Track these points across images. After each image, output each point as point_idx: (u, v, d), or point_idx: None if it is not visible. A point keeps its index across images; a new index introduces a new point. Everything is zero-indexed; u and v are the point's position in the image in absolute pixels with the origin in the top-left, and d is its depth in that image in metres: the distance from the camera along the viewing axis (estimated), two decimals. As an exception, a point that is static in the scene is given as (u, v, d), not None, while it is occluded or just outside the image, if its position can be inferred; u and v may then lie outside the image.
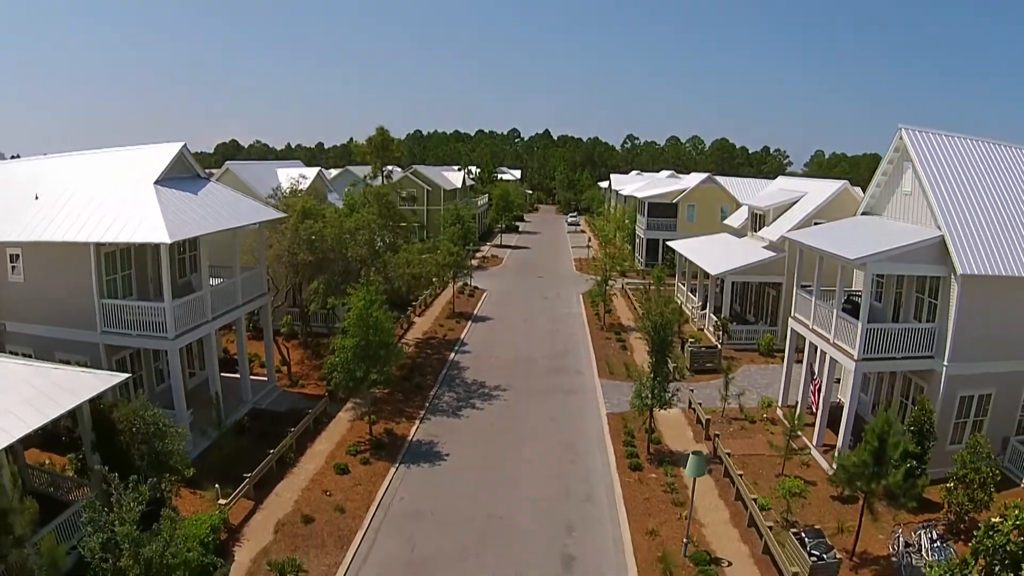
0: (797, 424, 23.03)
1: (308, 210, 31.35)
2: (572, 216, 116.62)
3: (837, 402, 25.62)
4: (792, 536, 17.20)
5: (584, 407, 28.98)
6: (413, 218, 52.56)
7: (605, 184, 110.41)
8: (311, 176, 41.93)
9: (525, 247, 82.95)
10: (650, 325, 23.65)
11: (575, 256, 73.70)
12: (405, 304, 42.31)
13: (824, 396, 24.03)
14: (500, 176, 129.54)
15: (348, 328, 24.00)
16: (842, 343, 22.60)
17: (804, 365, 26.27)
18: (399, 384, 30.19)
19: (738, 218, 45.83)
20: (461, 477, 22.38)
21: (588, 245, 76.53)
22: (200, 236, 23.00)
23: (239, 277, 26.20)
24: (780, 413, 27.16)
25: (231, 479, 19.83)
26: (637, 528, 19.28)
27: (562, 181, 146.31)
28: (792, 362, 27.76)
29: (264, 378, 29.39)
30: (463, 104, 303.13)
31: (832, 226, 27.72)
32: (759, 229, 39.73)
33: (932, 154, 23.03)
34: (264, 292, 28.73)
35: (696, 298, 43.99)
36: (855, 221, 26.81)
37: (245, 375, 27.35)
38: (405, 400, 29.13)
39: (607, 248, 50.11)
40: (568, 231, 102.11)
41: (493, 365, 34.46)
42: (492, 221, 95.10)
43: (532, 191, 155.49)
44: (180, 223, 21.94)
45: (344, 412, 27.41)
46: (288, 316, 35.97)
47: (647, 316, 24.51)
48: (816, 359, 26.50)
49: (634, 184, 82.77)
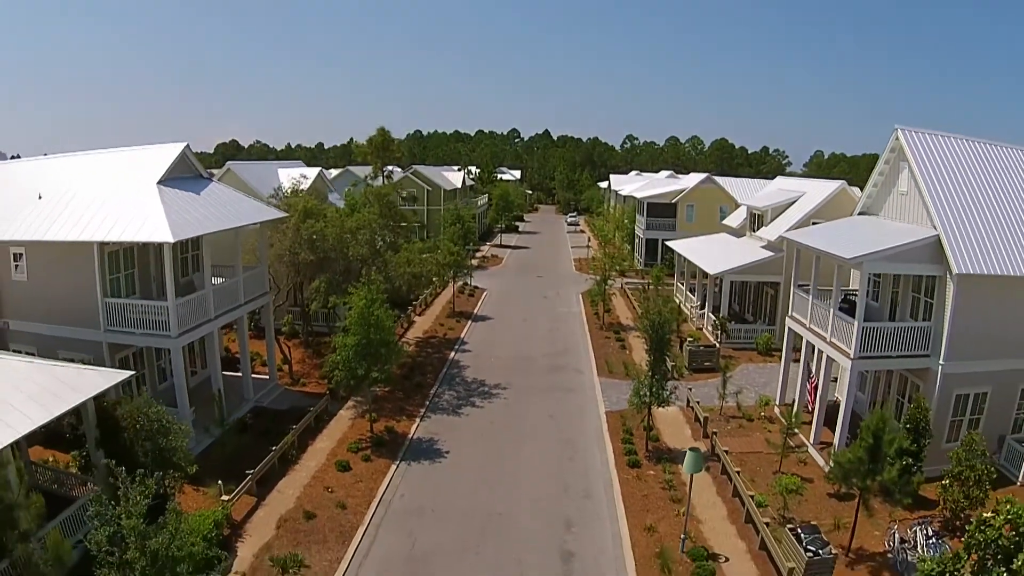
0: (794, 422, 23.23)
1: (309, 210, 31.58)
2: (572, 216, 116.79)
3: (834, 400, 25.79)
4: (788, 532, 17.35)
5: (583, 405, 29.17)
6: (413, 218, 52.76)
7: (604, 184, 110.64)
8: (312, 176, 42.15)
9: (525, 247, 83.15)
10: (648, 324, 23.86)
11: (575, 256, 73.88)
12: (405, 303, 42.50)
13: (821, 394, 24.19)
14: (500, 176, 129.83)
15: (349, 326, 24.16)
16: (839, 342, 22.78)
17: (801, 364, 26.50)
18: (400, 382, 30.37)
19: (737, 218, 46.06)
20: (461, 474, 22.56)
21: (588, 245, 76.69)
22: (203, 236, 23.17)
23: (241, 276, 26.38)
24: (778, 411, 27.35)
25: (234, 476, 20.04)
26: (635, 524, 19.45)
27: (562, 181, 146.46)
28: (789, 361, 27.95)
29: (266, 376, 29.58)
30: (463, 104, 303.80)
31: (829, 226, 27.90)
32: (757, 229, 39.94)
33: (928, 154, 23.21)
34: (266, 291, 28.92)
35: (695, 298, 44.17)
36: (852, 221, 27.00)
37: (247, 373, 27.54)
38: (406, 398, 29.32)
39: (606, 248, 50.22)
40: (568, 231, 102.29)
41: (493, 364, 34.65)
42: (492, 221, 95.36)
43: (532, 191, 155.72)
44: (183, 223, 22.09)
45: (345, 410, 27.60)
46: (289, 315, 36.15)
47: (645, 315, 24.72)
48: (813, 358, 26.72)
49: (633, 184, 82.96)
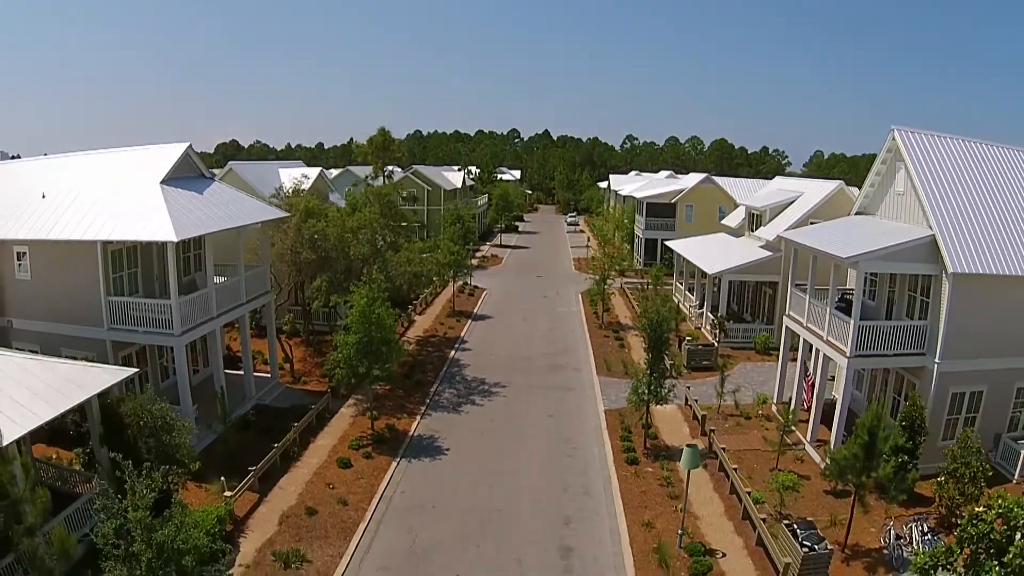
0: (791, 420, 23.43)
1: (311, 209, 31.80)
2: (571, 216, 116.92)
3: (831, 399, 25.98)
4: (785, 528, 17.52)
5: (582, 403, 29.38)
6: (414, 218, 52.96)
7: (604, 184, 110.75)
8: (313, 176, 42.33)
9: (525, 247, 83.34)
10: (647, 323, 24.06)
11: (574, 256, 74.07)
12: (406, 302, 42.70)
13: (818, 393, 24.39)
14: (500, 176, 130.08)
15: (351, 325, 24.36)
16: (835, 340, 22.97)
17: (799, 362, 26.69)
18: (400, 381, 30.56)
19: (736, 218, 46.27)
20: (461, 471, 22.77)
21: (587, 245, 76.88)
22: (205, 235, 23.38)
23: (243, 275, 26.59)
24: (775, 409, 27.53)
25: (236, 473, 20.24)
26: (633, 520, 19.66)
27: (561, 181, 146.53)
28: (787, 360, 28.15)
29: (267, 375, 29.76)
30: (463, 104, 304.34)
31: (826, 225, 28.10)
32: (756, 229, 40.16)
33: (924, 154, 23.40)
34: (267, 290, 29.10)
35: (694, 297, 44.37)
36: (849, 221, 27.20)
37: (249, 372, 27.72)
38: (406, 396, 29.53)
39: (606, 248, 50.34)
40: (567, 231, 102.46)
41: (493, 362, 34.86)
42: (492, 221, 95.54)
43: (532, 191, 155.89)
44: (186, 222, 22.28)
45: (346, 408, 27.81)
46: (290, 314, 36.37)
47: (644, 314, 24.92)
48: (810, 356, 26.90)
49: (633, 184, 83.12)
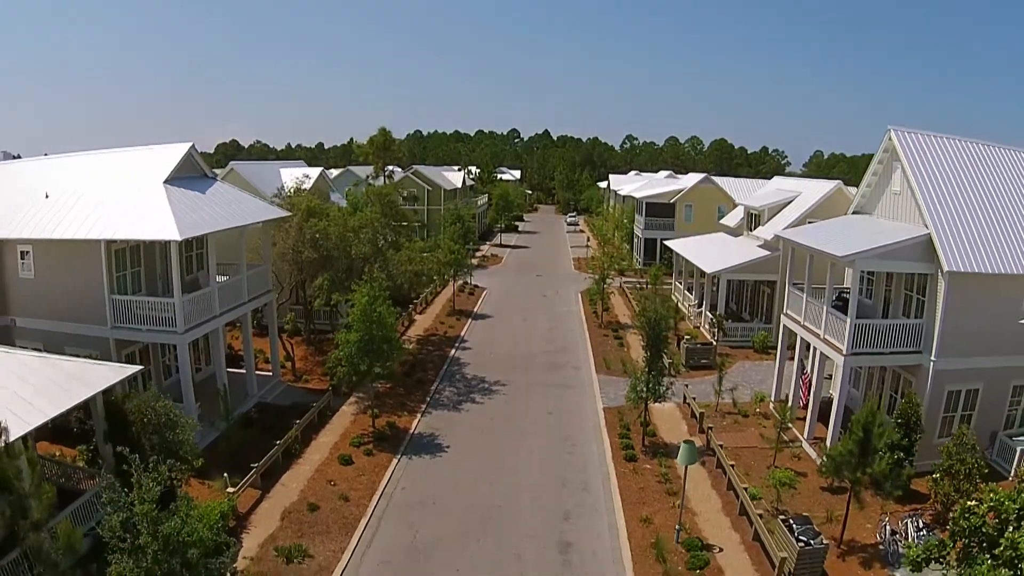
0: (788, 417, 23.61)
1: (312, 209, 32.02)
2: (571, 216, 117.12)
3: (829, 397, 26.19)
4: (781, 523, 17.72)
5: (581, 401, 29.58)
6: (414, 217, 53.19)
7: (604, 184, 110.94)
8: (314, 176, 42.57)
9: (524, 246, 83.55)
10: (645, 321, 24.27)
11: (574, 255, 74.25)
12: (407, 302, 42.92)
13: (815, 390, 24.59)
14: (500, 176, 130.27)
15: (352, 323, 24.59)
16: (832, 338, 23.17)
17: (796, 361, 26.89)
18: (401, 379, 30.76)
19: (734, 218, 46.50)
20: (461, 468, 22.97)
21: (587, 244, 77.07)
22: (208, 234, 23.59)
23: (245, 274, 26.80)
24: (772, 407, 27.70)
25: (239, 469, 20.45)
26: (632, 516, 19.87)
27: (561, 181, 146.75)
28: (784, 358, 28.33)
29: (269, 373, 29.95)
30: (463, 104, 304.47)
31: (823, 225, 28.32)
32: (755, 228, 40.37)
33: (920, 154, 23.60)
34: (269, 289, 29.31)
35: (693, 296, 44.56)
36: (846, 220, 27.41)
37: (251, 370, 27.92)
38: (407, 394, 29.74)
39: (605, 247, 50.65)
40: (567, 231, 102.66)
41: (493, 361, 35.06)
42: (492, 221, 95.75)
43: (532, 191, 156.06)
44: (189, 221, 22.49)
45: (347, 406, 28.02)
46: (292, 313, 36.58)
47: (643, 313, 25.13)
48: (808, 355, 27.08)
49: (632, 184, 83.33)
